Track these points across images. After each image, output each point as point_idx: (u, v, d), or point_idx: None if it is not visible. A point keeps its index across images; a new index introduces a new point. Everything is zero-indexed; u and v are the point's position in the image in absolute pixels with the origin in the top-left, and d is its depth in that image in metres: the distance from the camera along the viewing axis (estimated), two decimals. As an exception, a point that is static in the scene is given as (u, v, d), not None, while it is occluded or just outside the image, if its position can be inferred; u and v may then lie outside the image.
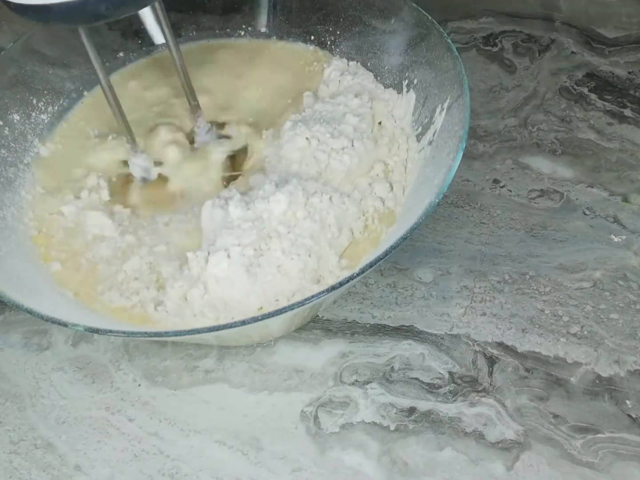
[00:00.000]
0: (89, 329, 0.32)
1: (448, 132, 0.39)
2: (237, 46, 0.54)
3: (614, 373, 0.40)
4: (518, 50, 0.60)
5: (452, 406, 0.39)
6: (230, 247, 0.37)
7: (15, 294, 0.34)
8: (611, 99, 0.55)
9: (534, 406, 0.39)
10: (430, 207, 0.34)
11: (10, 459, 0.38)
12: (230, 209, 0.39)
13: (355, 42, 0.50)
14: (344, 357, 0.41)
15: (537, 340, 0.41)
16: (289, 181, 0.40)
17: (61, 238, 0.42)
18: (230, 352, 0.42)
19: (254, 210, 0.39)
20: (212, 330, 0.32)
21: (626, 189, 0.49)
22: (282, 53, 0.53)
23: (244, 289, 0.37)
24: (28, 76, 0.48)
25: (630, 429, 0.37)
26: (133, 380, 0.41)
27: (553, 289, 0.43)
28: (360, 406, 0.39)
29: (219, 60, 0.53)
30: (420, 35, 0.45)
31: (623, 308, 0.42)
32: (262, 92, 0.51)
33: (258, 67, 0.52)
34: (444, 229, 0.47)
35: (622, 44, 0.59)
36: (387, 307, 0.43)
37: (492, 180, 0.50)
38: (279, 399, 0.40)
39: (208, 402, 0.40)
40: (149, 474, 0.37)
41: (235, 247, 0.37)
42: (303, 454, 0.38)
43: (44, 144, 0.47)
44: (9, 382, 0.42)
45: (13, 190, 0.44)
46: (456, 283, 0.44)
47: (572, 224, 0.47)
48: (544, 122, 0.54)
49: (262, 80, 0.51)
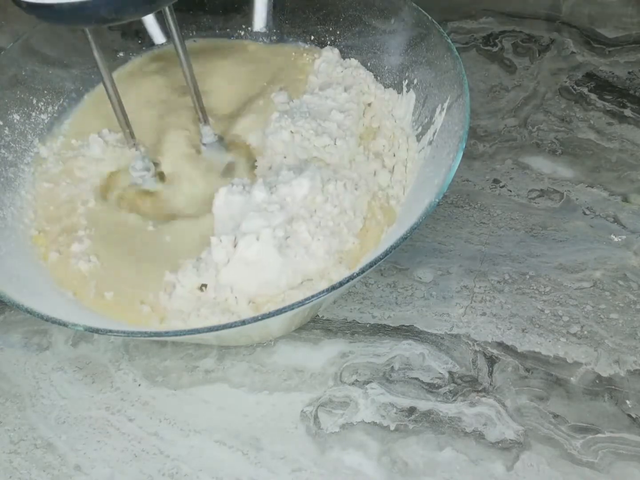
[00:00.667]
0: (89, 329, 0.32)
1: (448, 132, 0.39)
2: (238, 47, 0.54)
3: (614, 373, 0.40)
4: (518, 50, 0.60)
5: (452, 406, 0.39)
6: (259, 229, 0.38)
7: (15, 294, 0.34)
8: (611, 99, 0.55)
9: (534, 406, 0.39)
10: (430, 207, 0.34)
11: (10, 459, 0.38)
12: (255, 192, 0.40)
13: (355, 42, 0.50)
14: (344, 357, 0.41)
15: (537, 340, 0.41)
16: (306, 168, 0.42)
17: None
18: (230, 352, 0.42)
19: (277, 194, 0.40)
20: (212, 330, 0.32)
21: (626, 189, 0.49)
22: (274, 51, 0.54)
23: (275, 269, 0.38)
24: (28, 76, 0.48)
25: (630, 429, 0.37)
26: (133, 380, 0.41)
27: (553, 289, 0.43)
28: (360, 406, 0.39)
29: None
30: (420, 35, 0.45)
31: (623, 308, 0.42)
32: (238, 87, 0.51)
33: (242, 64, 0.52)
34: (444, 229, 0.47)
35: (622, 44, 0.59)
36: (387, 307, 0.43)
37: (492, 180, 0.50)
38: (279, 399, 0.40)
39: (208, 402, 0.40)
40: (149, 474, 0.37)
41: (266, 229, 0.38)
42: (303, 454, 0.38)
43: (44, 144, 0.47)
44: (9, 382, 0.42)
45: (13, 190, 0.44)
46: (456, 283, 0.44)
47: (572, 224, 0.47)
48: (544, 122, 0.54)
49: (241, 74, 0.51)
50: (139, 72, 0.53)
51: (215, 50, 0.54)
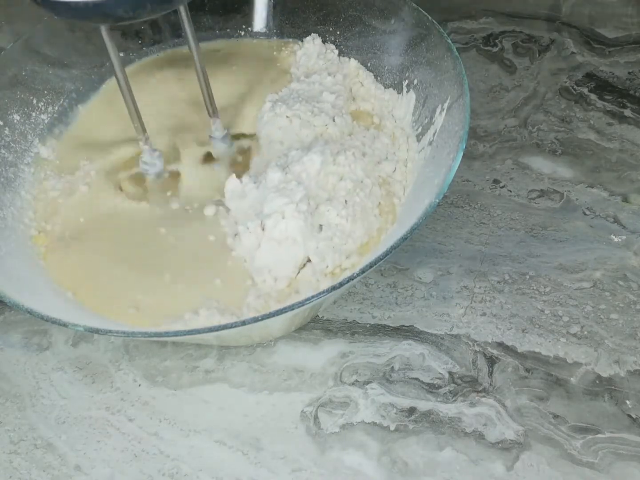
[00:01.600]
0: (88, 329, 0.32)
1: (448, 132, 0.39)
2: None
3: (614, 373, 0.40)
4: (518, 51, 0.60)
5: (452, 406, 0.39)
6: (283, 207, 0.38)
7: (15, 294, 0.34)
8: (611, 99, 0.55)
9: (534, 406, 0.39)
10: (430, 207, 0.34)
11: (10, 459, 0.38)
12: (270, 175, 0.41)
13: (355, 42, 0.50)
14: (344, 357, 0.41)
15: (537, 341, 0.41)
16: (314, 144, 0.42)
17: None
18: (230, 352, 0.42)
19: (292, 173, 0.40)
20: (211, 330, 0.32)
21: (626, 189, 0.49)
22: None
23: (303, 243, 0.38)
24: (28, 76, 0.48)
25: (630, 429, 0.37)
26: (133, 380, 0.41)
27: (553, 289, 0.43)
28: (360, 406, 0.39)
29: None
30: (420, 35, 0.45)
31: (623, 308, 0.42)
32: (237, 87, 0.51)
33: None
34: (444, 229, 0.47)
35: (622, 44, 0.59)
36: (387, 307, 0.43)
37: (492, 180, 0.50)
38: (279, 399, 0.40)
39: (208, 402, 0.40)
40: (149, 474, 0.37)
41: (289, 205, 0.38)
42: (303, 454, 0.38)
43: (44, 144, 0.47)
44: (9, 382, 0.42)
45: (13, 190, 0.44)
46: (456, 283, 0.44)
47: (572, 224, 0.47)
48: (544, 122, 0.54)
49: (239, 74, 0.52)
50: (143, 72, 0.53)
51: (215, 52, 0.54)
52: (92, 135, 0.49)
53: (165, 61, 0.54)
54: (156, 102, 0.50)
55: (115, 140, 0.48)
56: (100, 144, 0.48)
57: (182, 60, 0.53)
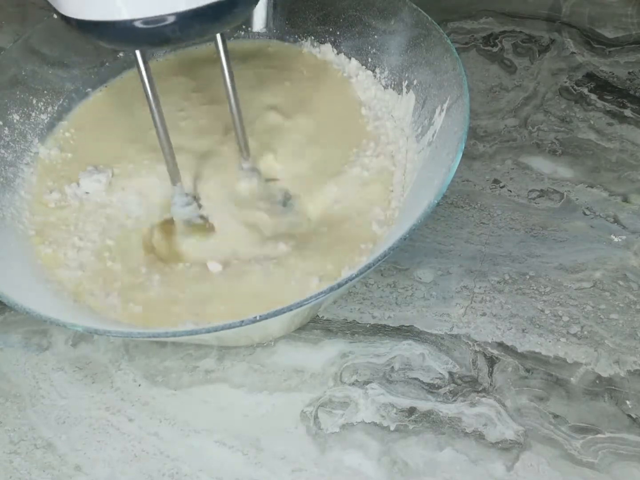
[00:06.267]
0: (88, 329, 0.32)
1: (448, 132, 0.39)
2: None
3: (614, 373, 0.40)
4: (518, 51, 0.60)
5: (452, 406, 0.39)
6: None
7: (15, 294, 0.34)
8: (611, 99, 0.55)
9: (534, 406, 0.39)
10: (430, 208, 0.34)
11: (10, 459, 0.38)
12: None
13: (355, 42, 0.50)
14: (344, 357, 0.41)
15: (537, 341, 0.41)
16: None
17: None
18: (230, 352, 0.42)
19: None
20: (211, 330, 0.31)
21: (626, 189, 0.49)
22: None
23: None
24: (28, 76, 0.48)
25: (630, 429, 0.37)
26: (133, 380, 0.41)
27: (553, 289, 0.43)
28: (360, 406, 0.39)
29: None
30: (420, 35, 0.45)
31: (623, 308, 0.42)
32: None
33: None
34: (444, 229, 0.47)
35: (622, 44, 0.59)
36: (387, 307, 0.43)
37: (492, 180, 0.50)
38: (279, 399, 0.40)
39: (208, 402, 0.40)
40: (149, 474, 0.37)
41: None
42: (303, 454, 0.38)
43: (43, 144, 0.47)
44: (9, 382, 0.42)
45: (12, 191, 0.44)
46: (456, 283, 0.44)
47: (572, 224, 0.47)
48: (544, 122, 0.54)
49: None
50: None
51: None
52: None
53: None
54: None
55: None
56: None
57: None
